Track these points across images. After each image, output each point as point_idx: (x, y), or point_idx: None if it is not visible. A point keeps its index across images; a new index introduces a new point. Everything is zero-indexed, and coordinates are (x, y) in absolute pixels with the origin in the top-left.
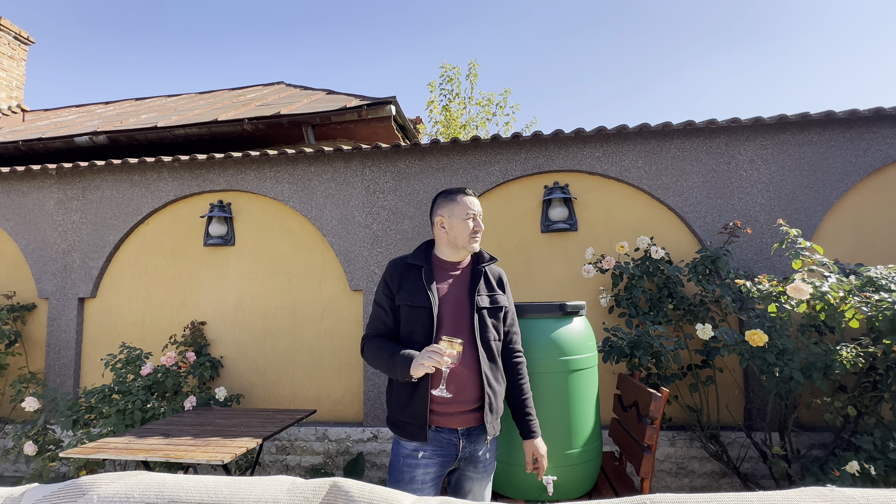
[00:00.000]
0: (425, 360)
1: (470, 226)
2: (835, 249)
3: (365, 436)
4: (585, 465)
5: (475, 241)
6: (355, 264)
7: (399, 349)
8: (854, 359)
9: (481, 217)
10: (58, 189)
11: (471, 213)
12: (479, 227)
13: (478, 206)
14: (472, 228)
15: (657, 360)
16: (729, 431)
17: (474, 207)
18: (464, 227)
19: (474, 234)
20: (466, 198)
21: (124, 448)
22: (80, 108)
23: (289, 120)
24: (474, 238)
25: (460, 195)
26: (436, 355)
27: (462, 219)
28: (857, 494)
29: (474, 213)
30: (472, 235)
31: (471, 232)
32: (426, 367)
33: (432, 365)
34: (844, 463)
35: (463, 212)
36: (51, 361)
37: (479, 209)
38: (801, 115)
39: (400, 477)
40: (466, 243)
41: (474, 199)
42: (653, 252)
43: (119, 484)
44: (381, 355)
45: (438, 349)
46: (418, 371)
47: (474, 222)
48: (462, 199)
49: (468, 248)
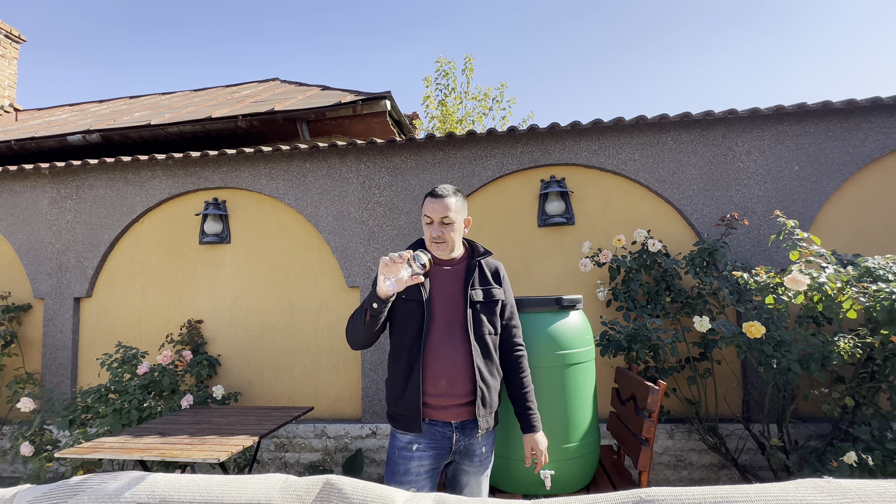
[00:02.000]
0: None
1: (427, 231)
2: (832, 240)
3: (363, 432)
4: (583, 459)
5: (435, 248)
6: (352, 261)
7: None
8: (852, 349)
9: (449, 219)
10: (51, 188)
11: (427, 216)
12: (435, 232)
13: (441, 208)
14: (428, 234)
15: (655, 354)
16: (727, 423)
17: (430, 210)
18: (425, 230)
19: (433, 240)
20: (426, 199)
21: (120, 448)
22: (73, 107)
23: (283, 116)
24: (434, 243)
25: (426, 198)
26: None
27: (424, 223)
28: (853, 485)
29: (430, 218)
30: (432, 241)
31: (429, 237)
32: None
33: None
34: (842, 454)
35: (422, 215)
36: (47, 362)
37: (444, 212)
38: (799, 105)
39: (395, 469)
40: (429, 248)
41: (435, 201)
42: (650, 245)
43: (110, 484)
44: (354, 315)
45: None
46: (385, 285)
47: (430, 227)
48: (424, 203)
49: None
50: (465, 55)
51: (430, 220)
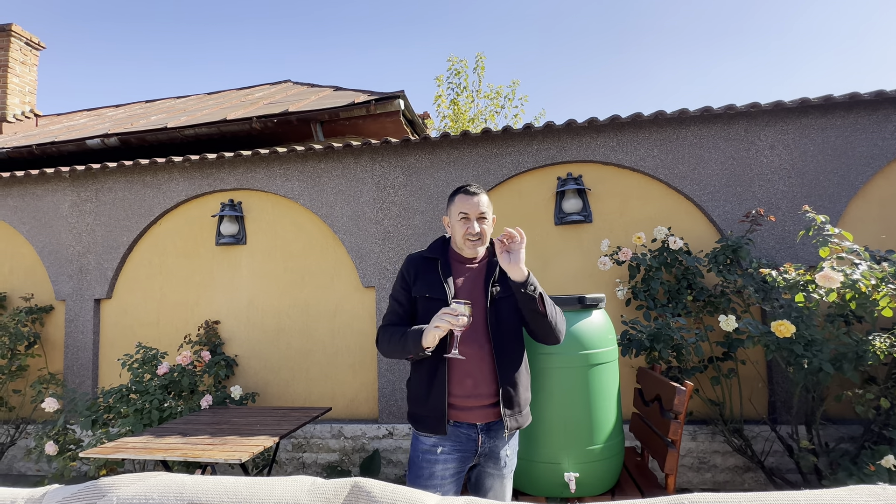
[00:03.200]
0: (439, 323)
1: (463, 228)
2: (861, 236)
3: (380, 433)
4: (608, 462)
5: (471, 245)
6: (367, 261)
7: (411, 328)
8: (888, 349)
9: (485, 216)
10: (71, 191)
11: (462, 213)
12: (472, 229)
13: (476, 204)
14: (464, 231)
15: (678, 353)
16: (752, 425)
17: (467, 207)
18: (458, 228)
19: (468, 236)
20: (459, 196)
21: (143, 448)
22: (91, 112)
23: (297, 117)
24: (468, 241)
25: (457, 194)
26: (447, 316)
27: (456, 220)
28: None
29: (466, 214)
30: (466, 238)
31: (464, 234)
32: (441, 329)
33: (445, 327)
34: (879, 457)
35: (456, 212)
36: (69, 362)
37: (480, 208)
38: (825, 97)
39: (419, 472)
40: (462, 246)
41: (470, 198)
42: (671, 242)
43: (138, 485)
44: (394, 338)
45: (449, 310)
46: (432, 336)
47: (467, 223)
48: (456, 198)
49: (465, 251)
50: (477, 53)
51: (466, 216)
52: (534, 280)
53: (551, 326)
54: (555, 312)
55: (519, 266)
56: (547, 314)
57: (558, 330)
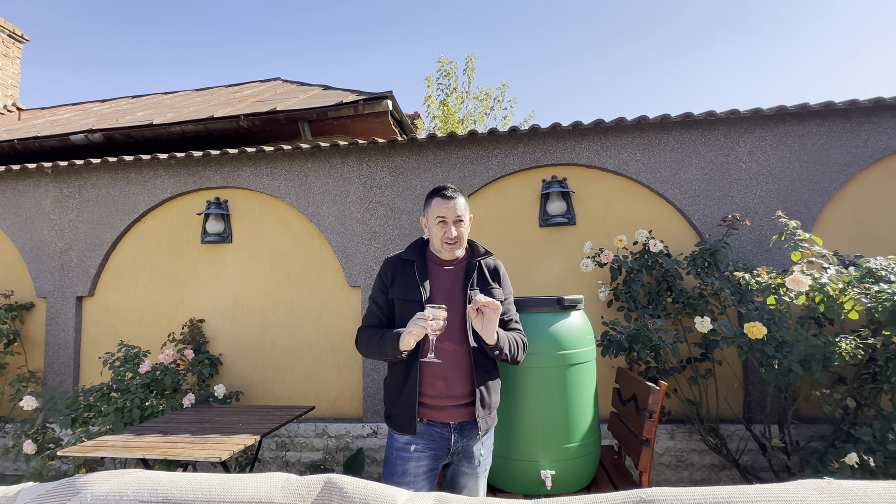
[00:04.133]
0: (413, 328)
1: (440, 232)
2: (834, 241)
3: (364, 431)
4: (584, 459)
5: (449, 248)
6: (353, 260)
7: (389, 330)
8: (854, 350)
9: (462, 219)
10: (54, 187)
11: (440, 217)
12: (449, 233)
13: (453, 208)
14: (442, 234)
15: (656, 354)
16: (728, 424)
17: (444, 211)
18: (435, 231)
19: (446, 240)
20: (436, 199)
21: (122, 446)
22: (75, 107)
23: (285, 116)
24: (446, 244)
25: (434, 197)
26: (421, 321)
27: (433, 223)
28: (854, 487)
29: (444, 218)
30: (444, 242)
31: (441, 238)
32: (415, 334)
33: (420, 332)
34: (843, 455)
35: (433, 216)
36: (50, 360)
37: (458, 211)
38: (801, 105)
39: (393, 469)
40: (440, 249)
41: (447, 202)
42: (651, 245)
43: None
44: (372, 340)
45: (423, 315)
46: (407, 340)
47: (445, 227)
48: (433, 201)
49: (443, 254)
50: (467, 55)
51: (443, 220)
52: (501, 343)
53: (508, 361)
54: (516, 350)
55: (492, 333)
56: (508, 360)
57: (517, 361)
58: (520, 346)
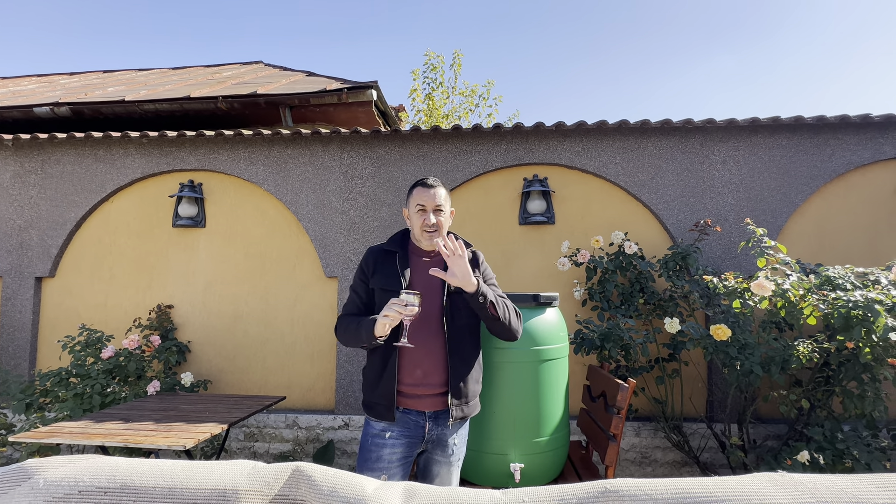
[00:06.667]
0: (388, 312)
1: (420, 219)
2: (798, 249)
3: (336, 423)
4: (553, 454)
5: (428, 237)
6: (331, 251)
7: (366, 317)
8: (810, 354)
9: (441, 208)
10: (14, 161)
11: (420, 205)
12: (428, 220)
13: (433, 196)
14: (421, 222)
15: (626, 353)
16: (691, 423)
17: (423, 199)
18: (415, 219)
19: (425, 227)
20: (417, 189)
21: (80, 433)
22: (41, 78)
23: (266, 100)
24: (425, 232)
25: (416, 187)
26: (396, 306)
27: (413, 212)
28: (805, 479)
29: (423, 206)
30: (423, 230)
31: (421, 225)
32: (390, 318)
33: (394, 316)
34: (796, 453)
35: (413, 204)
36: (4, 343)
37: (437, 200)
38: (773, 118)
39: (368, 455)
40: (420, 238)
41: (427, 190)
42: (626, 247)
43: (68, 467)
44: (349, 327)
45: (398, 300)
46: (381, 325)
47: (424, 215)
48: (414, 191)
49: (423, 243)
50: (454, 50)
51: (423, 208)
52: (484, 289)
53: (506, 326)
54: (508, 313)
55: (469, 280)
56: (500, 317)
57: (514, 329)
58: (511, 308)
